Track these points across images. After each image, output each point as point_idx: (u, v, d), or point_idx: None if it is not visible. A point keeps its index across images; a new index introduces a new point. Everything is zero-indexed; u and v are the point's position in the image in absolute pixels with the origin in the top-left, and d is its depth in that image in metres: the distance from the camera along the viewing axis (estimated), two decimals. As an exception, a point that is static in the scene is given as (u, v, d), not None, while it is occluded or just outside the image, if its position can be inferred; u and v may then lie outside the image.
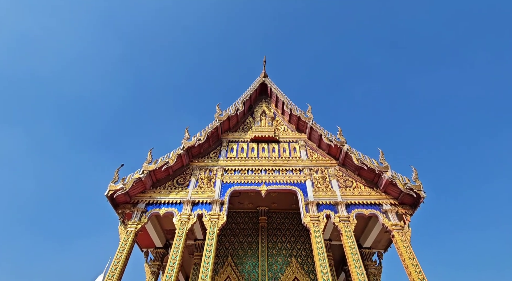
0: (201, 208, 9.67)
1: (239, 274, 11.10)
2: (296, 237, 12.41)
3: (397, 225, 8.87)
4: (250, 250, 11.96)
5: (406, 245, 8.35)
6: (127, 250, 8.39)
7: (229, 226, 12.86)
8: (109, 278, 7.73)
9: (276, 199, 12.65)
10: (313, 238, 8.79)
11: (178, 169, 10.92)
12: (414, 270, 7.77)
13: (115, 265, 8.01)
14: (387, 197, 9.70)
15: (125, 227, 8.99)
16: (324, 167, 11.03)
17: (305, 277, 10.95)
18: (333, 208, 9.58)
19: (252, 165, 11.23)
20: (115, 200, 9.44)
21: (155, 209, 9.60)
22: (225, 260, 11.57)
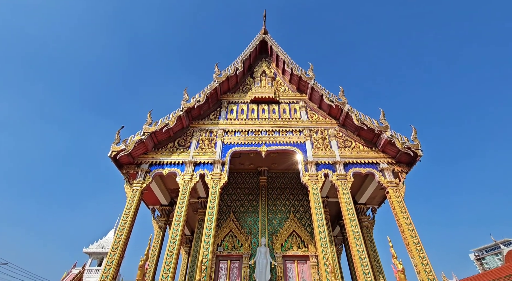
0: (203, 168, 9.95)
1: (241, 228, 11.87)
2: (295, 195, 12.98)
3: (392, 182, 9.21)
4: (251, 207, 12.61)
5: (400, 200, 8.77)
6: (134, 207, 8.84)
7: (231, 185, 13.37)
8: (119, 231, 8.28)
9: (276, 159, 12.94)
10: (311, 195, 9.20)
11: (178, 130, 10.96)
12: (405, 222, 8.28)
13: (124, 220, 8.51)
14: (385, 156, 9.90)
15: (130, 186, 9.35)
16: (324, 127, 11.06)
17: (303, 230, 11.72)
18: (332, 167, 9.84)
19: (252, 126, 11.25)
20: (119, 161, 9.66)
21: (159, 169, 9.87)
22: (228, 216, 12.27)
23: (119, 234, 8.21)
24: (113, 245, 7.98)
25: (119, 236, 8.17)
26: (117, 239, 8.11)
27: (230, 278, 10.84)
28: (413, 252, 7.71)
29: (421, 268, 7.43)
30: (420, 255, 7.66)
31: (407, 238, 8.02)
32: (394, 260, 3.81)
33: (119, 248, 7.93)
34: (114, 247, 7.94)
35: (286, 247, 11.38)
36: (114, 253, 7.84)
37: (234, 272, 11.02)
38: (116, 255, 7.79)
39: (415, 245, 7.84)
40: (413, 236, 8.01)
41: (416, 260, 7.58)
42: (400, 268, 3.65)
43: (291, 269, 11.00)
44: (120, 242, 8.05)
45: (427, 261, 7.54)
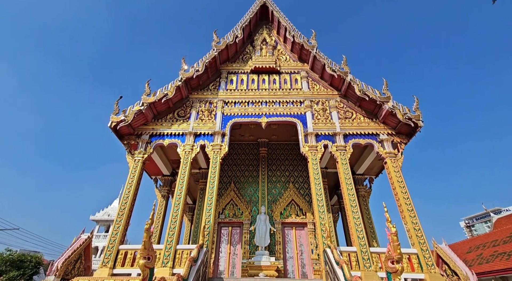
0: (203, 139, 9.99)
1: (241, 197, 12.26)
2: (294, 165, 13.21)
3: (391, 153, 9.32)
4: (251, 178, 12.91)
5: (397, 170, 8.94)
6: (137, 177, 9.03)
7: (231, 157, 13.55)
8: (124, 199, 8.55)
9: (276, 131, 12.96)
10: (310, 166, 9.36)
11: (177, 101, 10.82)
12: (401, 191, 8.53)
13: (128, 189, 8.75)
14: (385, 127, 9.89)
15: (132, 157, 9.47)
16: (325, 98, 10.91)
17: (301, 199, 12.12)
18: (331, 138, 9.88)
19: (253, 97, 11.08)
20: (119, 132, 9.67)
21: (159, 140, 9.92)
22: (229, 186, 12.60)
23: (123, 202, 8.49)
24: (118, 212, 8.29)
25: (124, 204, 8.46)
26: (122, 206, 8.41)
27: (231, 243, 11.44)
28: (406, 219, 8.05)
29: (413, 233, 7.81)
30: (413, 221, 8.00)
31: (401, 206, 8.31)
32: (388, 224, 3.97)
33: (125, 214, 8.26)
34: (120, 214, 8.27)
35: (285, 214, 11.85)
36: (120, 219, 8.18)
37: (235, 237, 11.60)
38: (122, 221, 8.14)
39: (409, 212, 8.15)
40: (408, 204, 8.29)
41: (409, 226, 7.94)
42: (393, 231, 3.81)
43: (289, 235, 11.57)
44: (125, 209, 8.36)
45: (419, 227, 7.91)
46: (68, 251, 14.24)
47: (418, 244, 7.60)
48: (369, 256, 7.50)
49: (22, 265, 15.47)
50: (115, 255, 7.59)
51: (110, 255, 7.55)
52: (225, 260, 11.03)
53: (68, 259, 13.97)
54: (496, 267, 16.09)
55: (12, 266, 15.02)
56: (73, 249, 14.46)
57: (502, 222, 25.45)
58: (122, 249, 7.79)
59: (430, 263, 7.30)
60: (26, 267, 15.39)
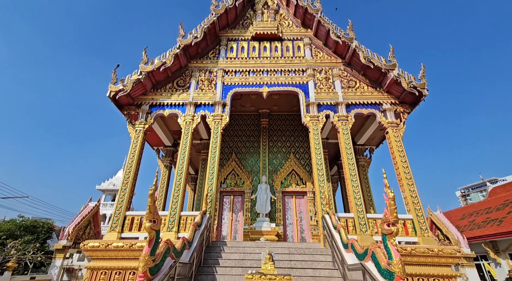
0: (204, 110, 9.89)
1: (243, 168, 12.48)
2: (295, 136, 13.23)
3: (393, 123, 9.25)
4: (252, 148, 13.02)
5: (398, 140, 8.95)
6: (139, 147, 9.11)
7: (232, 128, 13.54)
8: (127, 168, 8.72)
9: (277, 101, 12.78)
10: (311, 136, 9.35)
11: (176, 70, 10.53)
12: (400, 160, 8.61)
13: (131, 159, 8.88)
14: (389, 96, 9.70)
15: (133, 127, 9.46)
16: (329, 66, 10.57)
17: (301, 169, 12.33)
18: (333, 108, 9.75)
19: (253, 65, 10.74)
20: (119, 102, 9.55)
21: (159, 111, 9.83)
22: (230, 156, 12.76)
23: (127, 171, 8.66)
24: (123, 181, 8.50)
25: (128, 173, 8.64)
26: (126, 175, 8.59)
27: (233, 211, 11.89)
28: (404, 186, 8.23)
29: (410, 200, 8.04)
30: (411, 189, 8.19)
31: (400, 174, 8.45)
32: (386, 189, 4.04)
33: (129, 183, 8.47)
34: (125, 182, 8.48)
35: (285, 184, 12.15)
36: (125, 187, 8.41)
37: (237, 205, 12.02)
38: (127, 189, 8.37)
39: (407, 180, 8.31)
40: (406, 172, 8.43)
41: (406, 194, 8.15)
42: (391, 196, 3.90)
43: (289, 203, 11.97)
44: (129, 178, 8.55)
45: (416, 194, 8.12)
46: (78, 218, 14.93)
47: (414, 210, 7.86)
48: (366, 221, 7.80)
49: (35, 230, 16.31)
50: (122, 220, 7.93)
51: (117, 221, 7.88)
52: (227, 226, 11.54)
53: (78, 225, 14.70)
54: (486, 232, 16.82)
55: (26, 231, 15.85)
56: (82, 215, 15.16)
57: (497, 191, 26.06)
58: (129, 215, 8.11)
59: (424, 228, 7.62)
60: (39, 232, 16.25)
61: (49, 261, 14.40)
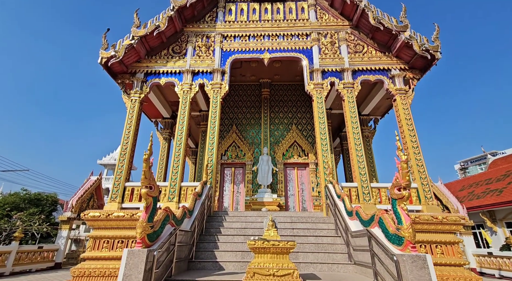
0: (202, 78, 9.38)
1: (244, 140, 12.21)
2: (298, 107, 12.80)
3: (401, 89, 8.78)
4: (253, 120, 12.65)
5: (406, 107, 8.55)
6: (135, 117, 8.75)
7: (232, 98, 13.06)
8: (124, 139, 8.44)
9: (279, 70, 12.16)
10: (315, 105, 8.94)
11: (171, 35, 9.83)
12: (407, 128, 8.28)
13: (127, 130, 8.57)
14: (398, 61, 9.12)
15: (128, 97, 9.03)
16: (335, 30, 9.84)
17: (304, 140, 12.06)
18: (339, 75, 9.22)
19: (254, 30, 10.01)
20: (112, 69, 9.03)
21: (155, 79, 9.33)
22: (230, 128, 12.44)
23: (125, 142, 8.40)
24: (121, 152, 8.27)
25: (125, 144, 8.38)
26: (124, 146, 8.34)
27: (234, 183, 11.83)
28: (410, 155, 7.98)
29: (416, 169, 7.84)
30: (417, 157, 7.95)
31: (407, 143, 8.17)
32: (398, 152, 3.75)
33: (127, 154, 8.24)
34: (122, 153, 8.25)
35: (287, 156, 11.96)
36: (123, 158, 8.20)
37: (238, 177, 11.94)
38: (125, 160, 8.17)
39: (414, 149, 8.05)
40: (413, 141, 8.14)
41: (412, 162, 7.93)
42: (404, 159, 3.61)
43: (291, 174, 11.87)
44: (127, 149, 8.31)
45: (422, 163, 7.90)
46: (81, 191, 15.01)
47: (419, 179, 7.69)
48: (369, 191, 7.67)
49: (39, 203, 16.53)
50: (122, 191, 7.82)
51: (117, 191, 7.77)
52: (229, 197, 11.55)
53: (81, 198, 14.80)
54: (485, 202, 17.00)
55: (30, 204, 16.07)
56: (84, 188, 15.22)
57: (498, 162, 26.02)
58: (129, 186, 7.99)
59: (429, 196, 7.49)
60: (43, 205, 16.48)
61: (55, 232, 14.75)
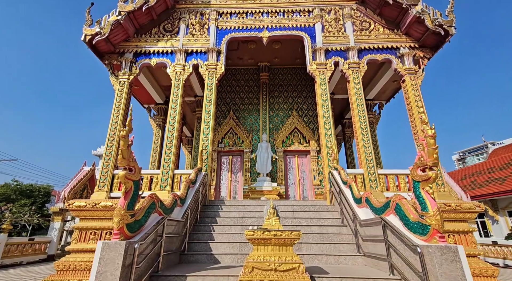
0: (196, 58, 8.69)
1: (241, 126, 11.61)
2: (298, 92, 12.16)
3: (410, 69, 8.15)
4: (251, 105, 12.02)
5: (416, 89, 7.94)
6: (124, 100, 8.10)
7: (229, 83, 12.38)
8: (112, 124, 7.82)
9: (279, 52, 11.45)
10: (317, 87, 8.32)
11: (162, 12, 9.08)
12: (417, 111, 7.70)
13: (116, 114, 7.93)
14: (407, 39, 8.45)
15: (116, 78, 8.35)
16: (339, 6, 9.11)
17: (305, 127, 11.48)
18: (344, 54, 8.56)
19: (252, 6, 9.26)
20: (97, 49, 8.31)
21: (145, 60, 8.63)
22: (227, 114, 11.82)
23: (113, 127, 7.78)
24: (108, 137, 7.66)
25: (114, 129, 7.76)
26: (112, 131, 7.72)
27: (232, 171, 11.30)
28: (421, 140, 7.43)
29: (426, 154, 7.29)
30: (428, 142, 7.40)
31: (417, 127, 7.61)
32: (424, 126, 3.17)
33: (115, 139, 7.63)
34: (110, 139, 7.64)
35: (287, 143, 11.40)
36: (111, 144, 7.59)
37: (236, 165, 11.40)
38: (114, 146, 7.57)
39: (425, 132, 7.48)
40: (424, 125, 7.56)
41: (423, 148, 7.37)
42: (431, 133, 3.04)
43: (291, 162, 11.34)
44: (115, 134, 7.70)
45: (434, 148, 7.34)
46: (73, 181, 14.42)
47: (430, 165, 7.16)
48: (376, 177, 7.15)
49: (31, 194, 16.00)
50: (110, 179, 7.26)
51: (105, 180, 7.21)
52: (226, 187, 11.04)
53: (73, 189, 14.23)
54: (488, 191, 16.63)
55: (22, 195, 15.53)
56: (77, 179, 14.61)
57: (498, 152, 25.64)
58: (117, 174, 7.42)
59: (440, 183, 6.99)
60: (36, 196, 15.95)
61: (47, 223, 14.27)
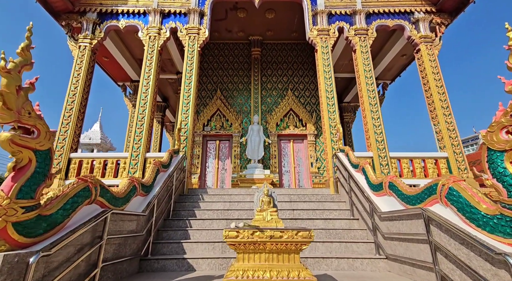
0: (175, 21, 7.27)
1: (230, 107, 10.28)
2: (294, 70, 10.87)
3: (427, 37, 6.98)
4: (241, 84, 10.67)
5: (433, 59, 6.79)
6: (85, 70, 6.63)
7: (216, 59, 10.96)
8: (70, 97, 6.37)
9: (272, 23, 10.07)
10: (319, 56, 7.07)
11: (133, -35, 7.54)
12: (435, 85, 6.58)
13: (74, 84, 6.47)
14: (423, 2, 7.25)
15: (76, 42, 6.85)
16: (344, -38, 7.79)
17: (301, 108, 10.26)
18: (349, 19, 7.30)
19: (241, -39, 7.83)
20: (52, 7, 6.76)
21: (112, 21, 7.14)
22: (214, 94, 10.45)
23: (69, 100, 6.33)
24: (64, 113, 6.22)
25: (71, 102, 6.31)
26: (69, 105, 6.28)
27: (219, 158, 10.03)
28: (439, 118, 6.34)
29: (446, 134, 6.22)
30: (447, 120, 6.31)
31: (434, 103, 6.50)
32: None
33: (73, 116, 6.21)
34: (67, 115, 6.22)
35: (281, 126, 10.17)
36: (67, 121, 6.17)
37: (223, 151, 10.13)
38: (70, 124, 6.15)
39: (443, 109, 6.39)
40: (442, 100, 6.46)
41: (441, 126, 6.29)
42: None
43: (286, 148, 10.14)
44: (72, 109, 6.27)
45: (454, 126, 6.27)
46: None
47: (451, 147, 6.09)
48: (388, 161, 6.03)
49: None
50: (66, 164, 5.88)
51: (59, 164, 5.82)
52: (213, 175, 9.78)
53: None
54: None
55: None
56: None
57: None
58: (75, 158, 6.04)
59: (463, 168, 5.94)
60: None
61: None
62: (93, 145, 22.43)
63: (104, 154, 6.24)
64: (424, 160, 6.18)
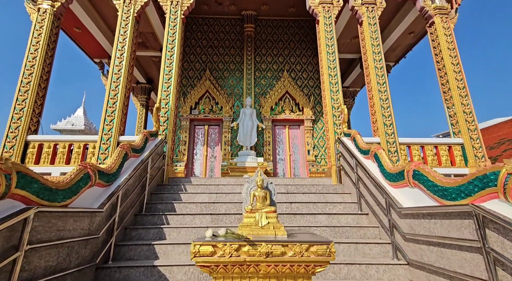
0: (154, -17, 6.22)
1: (220, 89, 9.37)
2: (290, 49, 9.96)
3: (442, 8, 6.17)
4: (232, 64, 9.72)
5: (448, 34, 6.02)
6: (45, 38, 5.60)
7: (205, 36, 9.93)
8: (27, 69, 5.36)
9: (267, -5, 9.07)
10: (321, 28, 6.20)
11: None
12: (450, 62, 5.83)
13: (32, 54, 5.44)
14: (440, -32, 6.39)
15: (34, 4, 5.77)
16: None
17: (298, 91, 9.43)
18: (355, -14, 6.40)
19: None
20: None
21: (80, -19, 6.06)
22: (203, 74, 9.49)
23: (26, 74, 5.33)
24: (19, 87, 5.24)
25: (29, 75, 5.32)
26: (25, 78, 5.29)
27: (208, 144, 9.20)
28: (454, 99, 5.63)
29: (462, 117, 5.53)
30: (464, 102, 5.62)
31: (449, 82, 5.78)
32: None
33: (31, 90, 5.24)
34: (23, 90, 5.23)
35: (276, 110, 9.35)
36: (23, 97, 5.19)
37: (213, 137, 9.29)
38: (26, 101, 5.18)
39: (459, 90, 5.68)
40: (458, 79, 5.75)
41: (456, 109, 5.60)
42: None
43: (281, 134, 9.37)
44: (30, 83, 5.28)
45: (471, 109, 5.59)
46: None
47: (467, 132, 5.43)
48: (397, 148, 5.34)
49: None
50: (21, 148, 4.96)
51: (12, 148, 4.90)
52: (201, 163, 8.97)
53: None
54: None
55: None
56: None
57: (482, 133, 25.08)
58: (34, 141, 5.12)
59: (480, 155, 5.29)
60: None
61: None
62: (76, 131, 21.14)
63: (69, 137, 5.34)
64: (437, 147, 5.52)
